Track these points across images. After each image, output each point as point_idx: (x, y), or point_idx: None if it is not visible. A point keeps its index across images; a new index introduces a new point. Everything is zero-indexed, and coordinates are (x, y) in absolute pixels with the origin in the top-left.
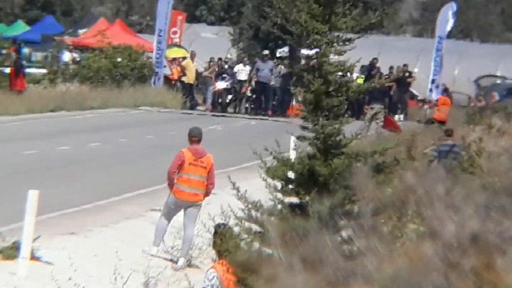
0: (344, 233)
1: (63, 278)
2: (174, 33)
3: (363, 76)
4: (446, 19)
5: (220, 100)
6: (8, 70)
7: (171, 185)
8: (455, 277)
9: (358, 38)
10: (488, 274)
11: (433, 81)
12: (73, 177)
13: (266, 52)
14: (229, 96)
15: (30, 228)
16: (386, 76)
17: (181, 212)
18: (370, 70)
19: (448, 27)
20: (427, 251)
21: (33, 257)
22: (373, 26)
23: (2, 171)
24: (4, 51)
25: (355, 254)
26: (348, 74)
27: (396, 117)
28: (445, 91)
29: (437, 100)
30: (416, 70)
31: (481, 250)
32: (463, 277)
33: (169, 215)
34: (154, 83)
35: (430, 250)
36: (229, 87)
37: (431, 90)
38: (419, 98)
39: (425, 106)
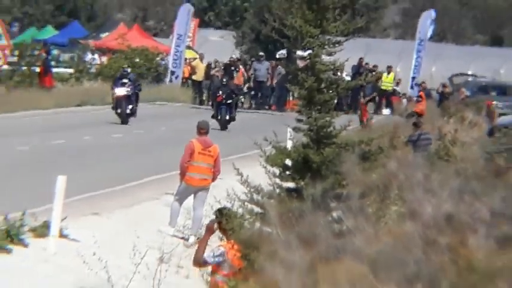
0: (335, 214)
1: (88, 253)
2: (188, 36)
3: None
4: (426, 25)
5: None
6: (38, 69)
7: (183, 173)
8: (432, 252)
9: (347, 40)
10: (462, 250)
11: (413, 79)
12: (96, 164)
13: (261, 54)
14: (130, 106)
15: (58, 210)
16: (372, 74)
17: (191, 196)
18: (358, 69)
19: (429, 34)
20: (408, 230)
21: (62, 235)
22: (360, 29)
23: (34, 159)
24: (35, 53)
25: (345, 232)
26: (338, 72)
27: (384, 111)
28: (422, 87)
29: (419, 96)
30: (398, 69)
31: (455, 229)
32: (439, 252)
33: (181, 199)
34: (171, 80)
35: (410, 229)
36: (130, 93)
37: (412, 87)
38: (400, 94)
39: (404, 100)
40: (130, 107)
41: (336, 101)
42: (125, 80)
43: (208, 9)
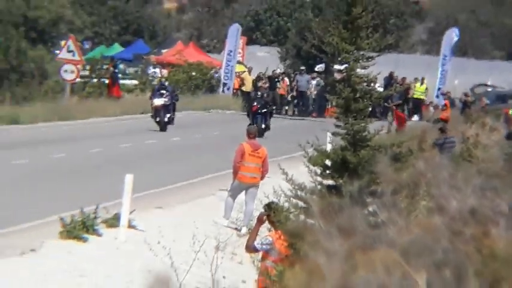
0: (370, 208)
1: (153, 241)
2: (238, 53)
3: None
4: (449, 42)
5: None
6: (106, 81)
7: (235, 172)
8: (458, 242)
9: (379, 55)
10: (485, 240)
11: (438, 90)
12: (159, 165)
13: (303, 67)
14: (168, 114)
15: (127, 204)
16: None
17: (243, 192)
18: (389, 81)
19: (451, 50)
20: (436, 222)
21: (130, 226)
22: (390, 46)
23: (105, 160)
24: (104, 67)
25: (379, 224)
26: (371, 84)
27: (413, 117)
28: (447, 97)
29: (444, 104)
30: (425, 81)
31: (478, 221)
32: (464, 242)
33: (234, 195)
34: (223, 91)
35: (438, 221)
36: (167, 103)
37: (437, 96)
38: (427, 102)
39: (431, 108)
40: (168, 115)
41: (369, 109)
42: (163, 91)
43: (255, 29)
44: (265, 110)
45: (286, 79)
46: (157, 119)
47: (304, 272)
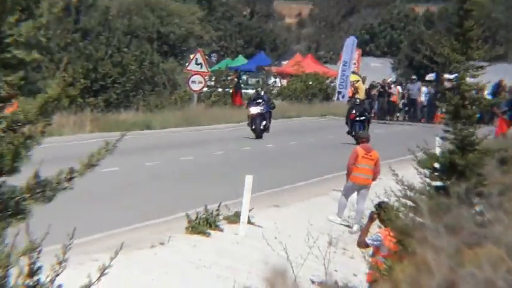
0: (477, 208)
1: (270, 236)
2: (353, 63)
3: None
4: None
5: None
6: (230, 91)
7: (349, 173)
8: None
9: (489, 65)
10: None
11: None
12: (275, 167)
13: (414, 77)
14: (264, 122)
15: (247, 202)
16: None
17: (355, 192)
18: (497, 88)
19: None
20: None
21: (250, 222)
22: (499, 56)
23: (226, 162)
24: (229, 78)
25: (486, 223)
26: (480, 92)
27: None
28: None
29: None
30: None
31: None
32: None
33: (347, 194)
34: (338, 99)
35: None
36: (263, 112)
37: None
38: None
39: None
40: (264, 123)
41: (478, 116)
42: (259, 100)
43: (370, 41)
44: (363, 117)
45: (399, 87)
46: (253, 127)
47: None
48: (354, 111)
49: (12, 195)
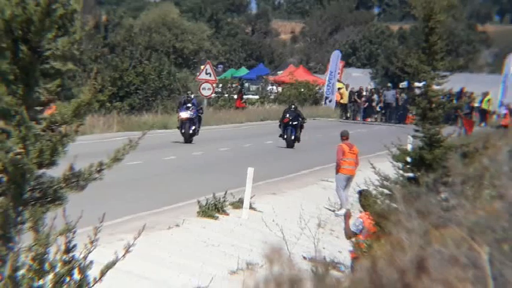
0: (442, 195)
1: (268, 219)
2: (338, 73)
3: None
4: (510, 64)
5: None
6: (235, 96)
7: (338, 166)
8: None
9: (451, 74)
10: None
11: (501, 102)
12: (273, 161)
13: (389, 84)
14: (193, 127)
15: (248, 190)
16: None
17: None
18: (460, 94)
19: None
20: (497, 206)
21: (251, 207)
22: (461, 67)
23: (231, 157)
24: (233, 85)
25: (450, 208)
26: (444, 97)
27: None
28: (507, 107)
29: (505, 113)
30: (490, 96)
31: None
32: None
33: (341, 185)
34: (325, 103)
35: (498, 205)
36: (193, 116)
37: (500, 106)
38: (492, 112)
39: (495, 116)
40: (193, 128)
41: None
42: (189, 105)
43: (352, 54)
44: (296, 122)
45: (375, 96)
46: (183, 131)
47: (388, 245)
48: (287, 116)
49: (50, 185)
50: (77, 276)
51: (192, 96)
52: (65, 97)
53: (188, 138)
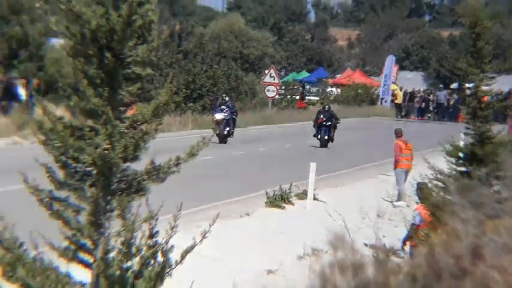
0: (495, 188)
1: (331, 209)
2: (393, 76)
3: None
4: None
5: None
6: (297, 98)
7: (397, 162)
8: None
9: (499, 76)
10: None
11: None
12: (335, 156)
13: (441, 86)
14: (227, 128)
15: (312, 182)
16: None
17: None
18: (508, 94)
19: None
20: None
21: (315, 198)
22: (508, 68)
23: (295, 152)
24: (295, 87)
25: (503, 200)
26: (493, 97)
27: None
28: None
29: None
30: None
31: None
32: None
33: (401, 179)
34: (381, 103)
35: None
36: (227, 118)
37: None
38: None
39: None
40: (227, 129)
41: (492, 115)
42: (224, 107)
43: (405, 58)
44: (330, 123)
45: (431, 96)
46: (217, 132)
47: (444, 234)
48: (321, 116)
49: (135, 177)
50: (160, 258)
51: (227, 99)
52: (145, 99)
53: (222, 139)
